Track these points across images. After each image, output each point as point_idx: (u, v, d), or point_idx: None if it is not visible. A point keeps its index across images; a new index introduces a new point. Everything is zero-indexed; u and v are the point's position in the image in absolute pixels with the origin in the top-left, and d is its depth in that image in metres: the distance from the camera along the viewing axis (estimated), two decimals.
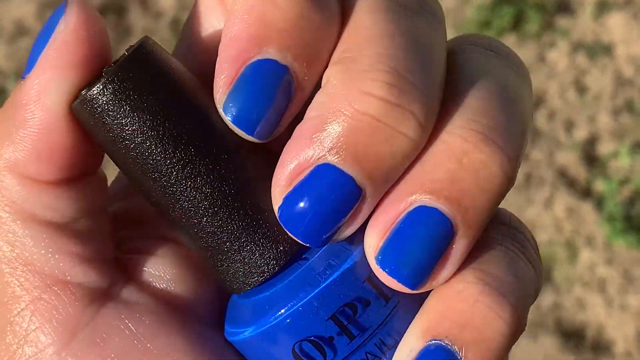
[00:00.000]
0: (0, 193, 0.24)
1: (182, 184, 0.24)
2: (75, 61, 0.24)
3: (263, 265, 0.25)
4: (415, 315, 0.24)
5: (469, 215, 0.23)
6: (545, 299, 1.23)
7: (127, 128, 0.24)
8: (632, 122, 1.35)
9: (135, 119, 0.24)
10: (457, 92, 0.24)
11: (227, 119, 0.24)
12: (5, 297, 0.24)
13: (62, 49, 0.24)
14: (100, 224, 0.26)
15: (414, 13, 0.24)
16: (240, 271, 0.25)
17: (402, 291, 0.24)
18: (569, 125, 1.36)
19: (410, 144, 0.23)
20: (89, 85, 0.24)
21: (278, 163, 0.24)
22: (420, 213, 0.23)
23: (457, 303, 0.23)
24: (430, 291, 0.25)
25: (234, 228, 0.25)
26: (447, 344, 0.23)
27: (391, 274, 0.24)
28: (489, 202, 0.24)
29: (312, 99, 0.24)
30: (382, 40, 0.23)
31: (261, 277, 0.25)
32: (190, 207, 0.24)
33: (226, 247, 0.25)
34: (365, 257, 0.24)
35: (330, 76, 0.24)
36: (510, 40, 1.43)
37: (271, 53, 0.23)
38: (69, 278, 0.25)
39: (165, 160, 0.24)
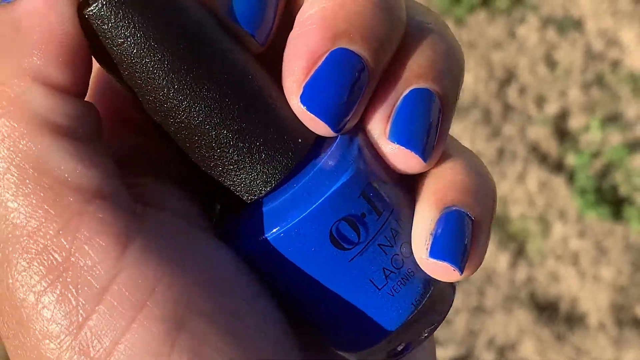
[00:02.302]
0: (25, 107, 0.23)
1: (192, 96, 0.25)
2: None
3: (284, 162, 0.26)
4: (411, 198, 0.28)
5: (448, 91, 0.28)
6: (519, 272, 1.24)
7: (144, 34, 0.24)
8: (603, 96, 1.36)
9: (151, 24, 0.24)
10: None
11: (230, 19, 0.26)
12: (37, 221, 0.23)
13: None
14: (107, 147, 0.26)
15: None
16: (257, 176, 0.26)
17: (415, 167, 0.27)
18: (540, 100, 1.36)
19: (401, 26, 0.27)
20: None
21: (287, 59, 0.26)
22: (416, 94, 0.27)
23: (454, 175, 0.27)
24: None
25: (252, 131, 0.26)
26: (457, 208, 0.27)
27: (407, 146, 0.27)
28: (458, 81, 0.28)
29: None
30: None
31: (280, 175, 0.26)
32: (203, 120, 0.25)
33: (245, 152, 0.26)
34: (371, 147, 0.27)
35: None
36: (480, 16, 1.43)
37: None
38: (105, 191, 0.24)
39: (174, 71, 0.25)
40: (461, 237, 0.27)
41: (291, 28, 0.27)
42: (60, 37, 0.24)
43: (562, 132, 1.34)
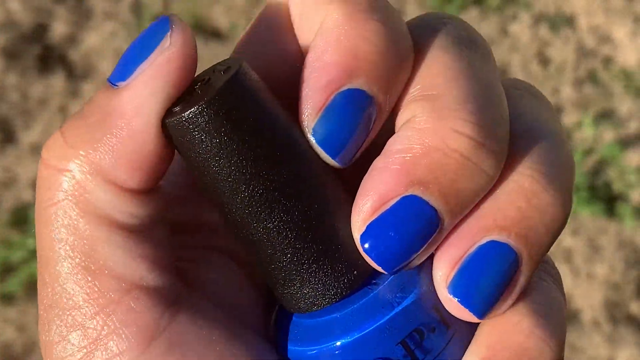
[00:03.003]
0: (84, 197, 0.24)
1: (264, 208, 0.25)
2: (176, 79, 0.24)
3: (334, 288, 0.26)
4: (465, 345, 0.26)
5: (534, 250, 0.25)
6: None
7: (217, 151, 0.24)
8: (595, 92, 1.36)
9: (226, 143, 0.24)
10: (519, 135, 0.26)
11: (313, 141, 0.25)
12: (78, 300, 0.24)
13: (166, 66, 0.24)
14: (166, 231, 0.26)
15: (475, 52, 0.26)
16: (310, 292, 0.26)
17: (468, 320, 0.25)
18: None
19: (489, 182, 0.25)
20: (181, 102, 0.25)
21: (360, 191, 0.25)
22: (492, 247, 0.25)
23: (514, 334, 0.25)
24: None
25: (309, 251, 0.25)
26: None
27: (462, 302, 0.25)
28: (550, 239, 0.26)
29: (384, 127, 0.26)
30: (463, 81, 0.25)
31: (332, 299, 0.26)
32: (270, 229, 0.25)
33: (298, 269, 0.26)
34: (432, 285, 0.25)
35: (417, 112, 0.25)
36: (472, 14, 1.43)
37: (360, 84, 0.24)
38: (146, 283, 0.25)
39: (250, 183, 0.25)
40: None
41: (377, 147, 0.26)
42: (137, 145, 0.24)
43: None
